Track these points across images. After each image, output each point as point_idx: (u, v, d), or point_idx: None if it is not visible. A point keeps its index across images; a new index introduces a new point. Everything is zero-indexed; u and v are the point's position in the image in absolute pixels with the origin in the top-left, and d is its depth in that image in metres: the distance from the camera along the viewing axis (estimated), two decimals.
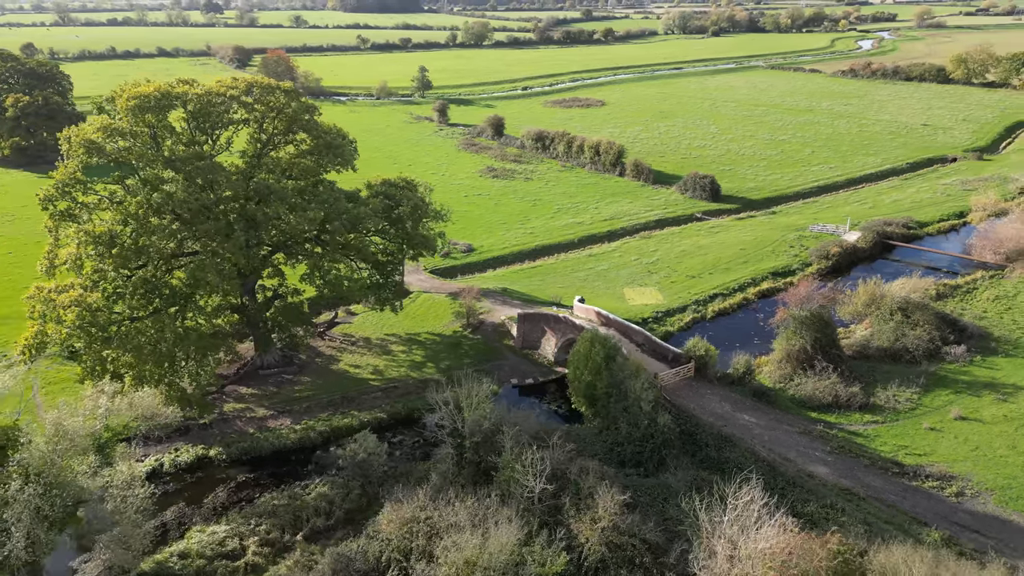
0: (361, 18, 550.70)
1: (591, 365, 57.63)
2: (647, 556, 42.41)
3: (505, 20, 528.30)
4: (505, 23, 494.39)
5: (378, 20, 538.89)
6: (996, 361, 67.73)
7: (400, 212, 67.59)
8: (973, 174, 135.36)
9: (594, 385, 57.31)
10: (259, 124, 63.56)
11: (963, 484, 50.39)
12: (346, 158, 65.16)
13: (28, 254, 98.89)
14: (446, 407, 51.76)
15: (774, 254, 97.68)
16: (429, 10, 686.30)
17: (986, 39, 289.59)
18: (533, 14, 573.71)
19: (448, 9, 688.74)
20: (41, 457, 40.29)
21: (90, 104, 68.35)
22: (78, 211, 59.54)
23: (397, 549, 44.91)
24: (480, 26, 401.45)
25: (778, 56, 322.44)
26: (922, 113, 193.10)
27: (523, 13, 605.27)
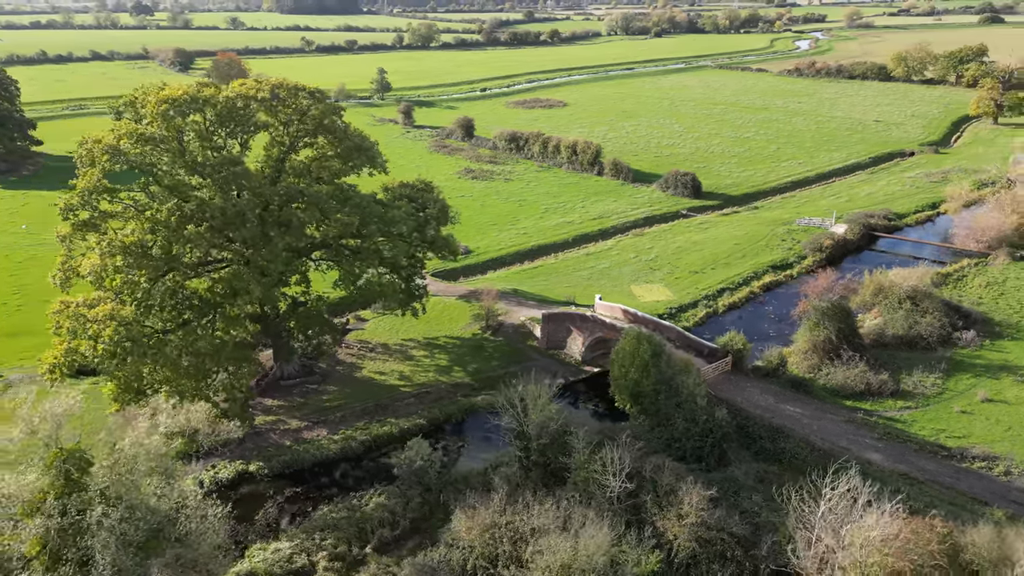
0: (301, 19, 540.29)
1: (638, 363, 57.82)
2: (737, 549, 42.83)
3: (448, 21, 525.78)
4: (449, 24, 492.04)
5: (319, 22, 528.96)
6: (1004, 345, 70.88)
7: (427, 214, 66.53)
8: (934, 167, 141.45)
9: (640, 383, 57.51)
10: (284, 127, 61.61)
11: (1008, 463, 52.53)
12: (376, 160, 63.73)
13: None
14: (512, 410, 51.13)
15: (768, 248, 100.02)
16: (368, 11, 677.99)
17: (913, 38, 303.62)
18: (475, 15, 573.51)
19: (388, 11, 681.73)
20: (119, 480, 38.04)
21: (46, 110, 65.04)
22: (100, 220, 56.68)
23: (481, 556, 44.19)
24: (427, 27, 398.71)
25: (723, 56, 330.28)
26: (872, 110, 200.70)
27: (465, 15, 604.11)
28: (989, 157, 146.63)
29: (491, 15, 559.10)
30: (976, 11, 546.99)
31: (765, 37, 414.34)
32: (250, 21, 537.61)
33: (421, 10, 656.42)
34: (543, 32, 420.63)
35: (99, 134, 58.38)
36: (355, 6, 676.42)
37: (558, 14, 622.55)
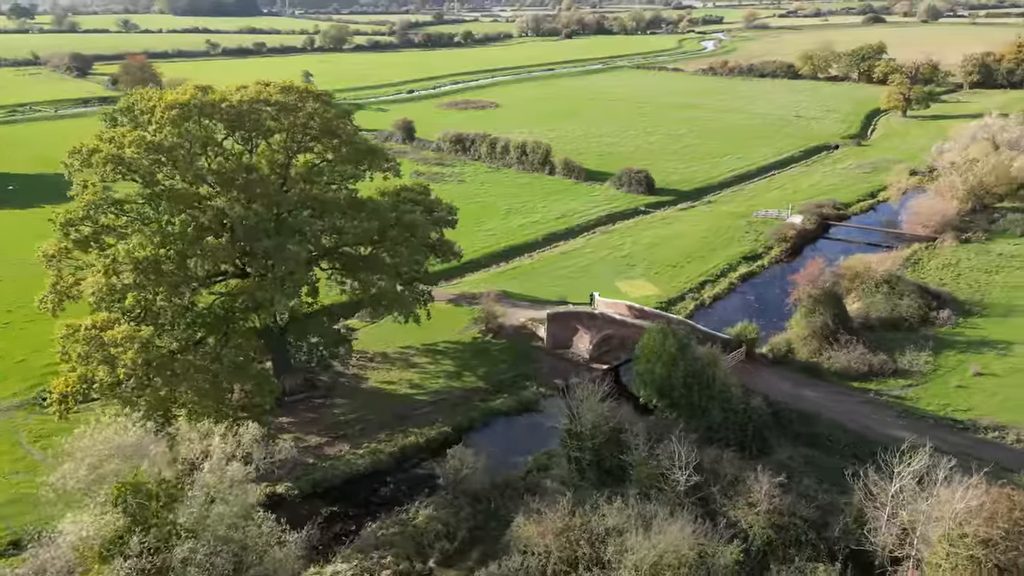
0: (198, 21, 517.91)
1: (664, 357, 58.49)
2: (810, 532, 44.04)
3: (356, 23, 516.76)
4: (358, 26, 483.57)
5: (218, 23, 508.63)
6: (977, 322, 75.90)
7: (436, 217, 65.21)
8: (862, 158, 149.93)
9: (669, 377, 58.25)
10: (289, 132, 58.96)
11: (1016, 432, 56.27)
12: (391, 162, 61.91)
13: None
14: (566, 411, 50.77)
15: (736, 240, 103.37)
16: (269, 13, 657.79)
17: (806, 37, 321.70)
18: (382, 17, 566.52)
19: (289, 12, 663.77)
20: (203, 512, 35.32)
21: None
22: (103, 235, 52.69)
23: (561, 560, 43.58)
24: (338, 29, 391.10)
25: (638, 56, 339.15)
26: (791, 106, 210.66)
27: (372, 16, 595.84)
28: (906, 148, 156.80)
29: (399, 17, 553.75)
30: (857, 12, 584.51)
31: (673, 38, 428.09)
32: (143, 23, 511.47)
33: (325, 12, 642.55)
34: (457, 34, 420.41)
35: (90, 142, 54.19)
36: (254, 8, 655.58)
37: (466, 16, 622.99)
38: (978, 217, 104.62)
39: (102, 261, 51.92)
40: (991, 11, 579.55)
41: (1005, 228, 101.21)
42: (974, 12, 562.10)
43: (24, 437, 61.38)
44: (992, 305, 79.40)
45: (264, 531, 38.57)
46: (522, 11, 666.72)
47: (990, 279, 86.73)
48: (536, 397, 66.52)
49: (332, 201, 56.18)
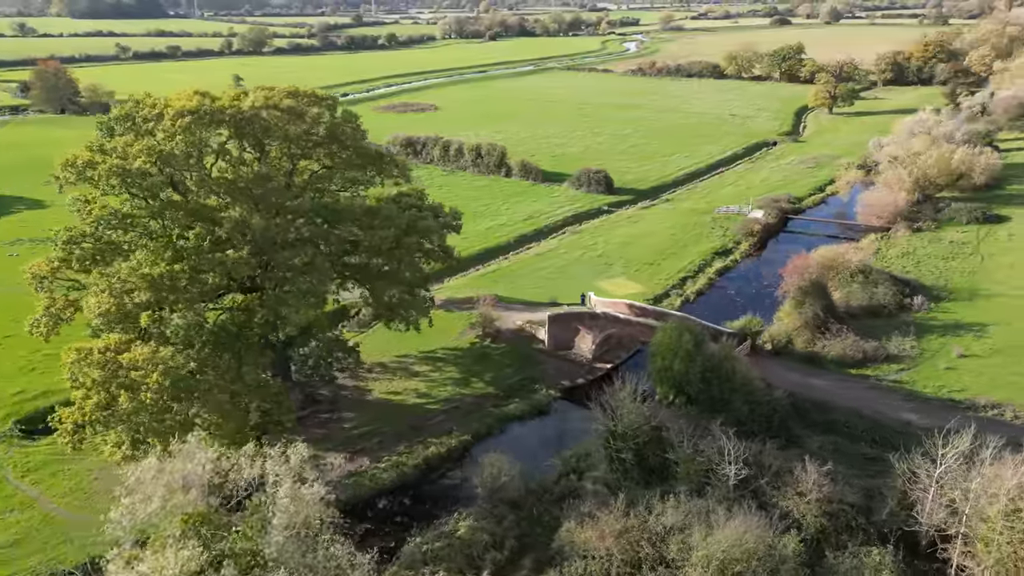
0: (102, 24, 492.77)
1: (681, 353, 59.24)
2: (860, 518, 45.44)
3: (271, 26, 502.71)
4: (274, 29, 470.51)
5: (123, 27, 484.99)
6: (948, 306, 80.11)
7: (443, 222, 64.02)
8: (802, 154, 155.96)
9: (686, 372, 59.06)
10: (295, 137, 56.67)
11: (1011, 409, 59.61)
12: (402, 168, 60.35)
13: None
14: (603, 413, 50.69)
15: (704, 237, 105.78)
16: (175, 15, 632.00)
17: (720, 38, 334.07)
18: (299, 19, 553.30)
19: (198, 14, 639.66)
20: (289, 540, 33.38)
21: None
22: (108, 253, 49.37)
23: (623, 562, 43.46)
24: (257, 32, 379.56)
25: (566, 58, 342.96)
26: (723, 105, 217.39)
27: (288, 19, 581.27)
28: (840, 143, 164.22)
29: (317, 19, 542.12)
30: (764, 14, 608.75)
31: (596, 40, 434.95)
32: (41, 27, 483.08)
33: (236, 14, 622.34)
34: (380, 36, 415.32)
35: (83, 154, 50.61)
36: (158, 10, 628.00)
37: (386, 19, 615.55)
38: (925, 207, 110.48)
39: (106, 280, 48.60)
40: (885, 12, 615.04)
41: (951, 217, 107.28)
42: (871, 14, 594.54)
43: (11, 472, 57.06)
44: (956, 290, 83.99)
45: (335, 553, 36.89)
46: (440, 13, 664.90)
47: (948, 265, 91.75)
48: (547, 400, 66.30)
49: (347, 209, 54.31)
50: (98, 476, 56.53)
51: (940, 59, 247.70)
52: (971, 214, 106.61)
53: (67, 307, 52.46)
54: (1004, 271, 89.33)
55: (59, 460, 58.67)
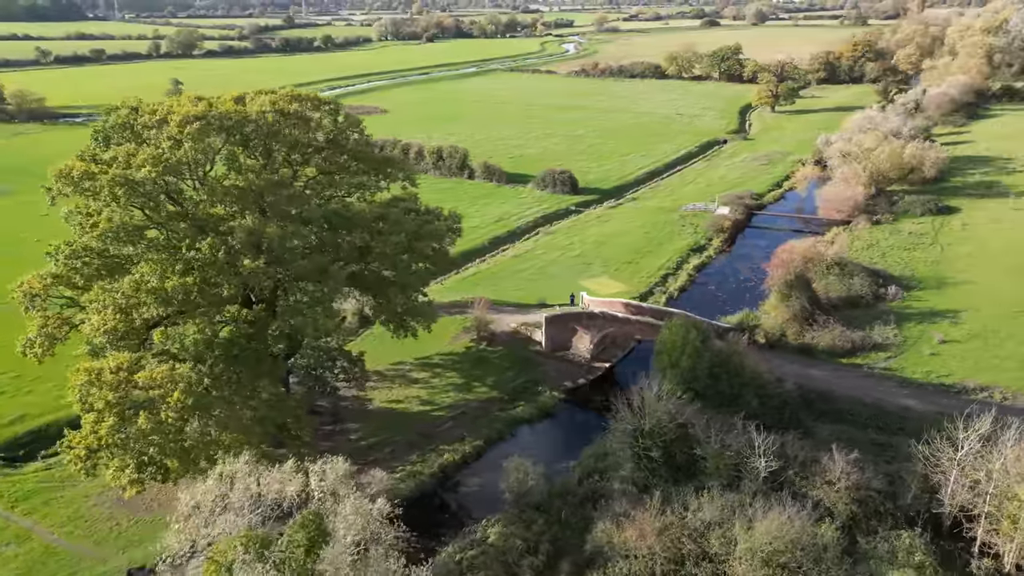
0: (17, 27, 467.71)
1: (689, 350, 59.86)
2: (887, 503, 46.81)
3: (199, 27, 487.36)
4: (203, 31, 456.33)
5: (41, 29, 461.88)
6: (919, 295, 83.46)
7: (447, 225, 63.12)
8: (753, 152, 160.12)
9: (695, 368, 59.74)
10: (299, 143, 54.98)
11: (999, 391, 62.49)
12: (407, 172, 59.14)
13: None
14: (629, 413, 50.78)
15: (677, 234, 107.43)
16: (94, 17, 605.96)
17: (655, 40, 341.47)
18: (229, 21, 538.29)
19: (119, 16, 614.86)
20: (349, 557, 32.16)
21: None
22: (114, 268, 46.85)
23: (667, 560, 43.64)
24: (187, 34, 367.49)
25: (508, 59, 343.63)
26: (669, 104, 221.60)
27: (216, 20, 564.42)
28: (787, 140, 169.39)
29: (248, 21, 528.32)
30: (693, 16, 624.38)
31: (534, 41, 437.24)
32: None
33: (160, 16, 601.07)
34: (315, 38, 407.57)
35: (77, 164, 47.81)
36: (75, 12, 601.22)
37: (318, 20, 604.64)
38: (880, 200, 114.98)
39: (110, 296, 46.07)
40: (807, 14, 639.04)
41: (906, 209, 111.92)
42: (794, 15, 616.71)
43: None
44: (924, 279, 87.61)
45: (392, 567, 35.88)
46: (374, 15, 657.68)
47: (911, 256, 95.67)
48: (553, 402, 66.13)
49: (357, 215, 52.89)
50: (96, 502, 53.69)
51: (869, 58, 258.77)
52: (924, 206, 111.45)
53: (62, 326, 49.47)
54: (964, 260, 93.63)
55: (50, 488, 55.54)
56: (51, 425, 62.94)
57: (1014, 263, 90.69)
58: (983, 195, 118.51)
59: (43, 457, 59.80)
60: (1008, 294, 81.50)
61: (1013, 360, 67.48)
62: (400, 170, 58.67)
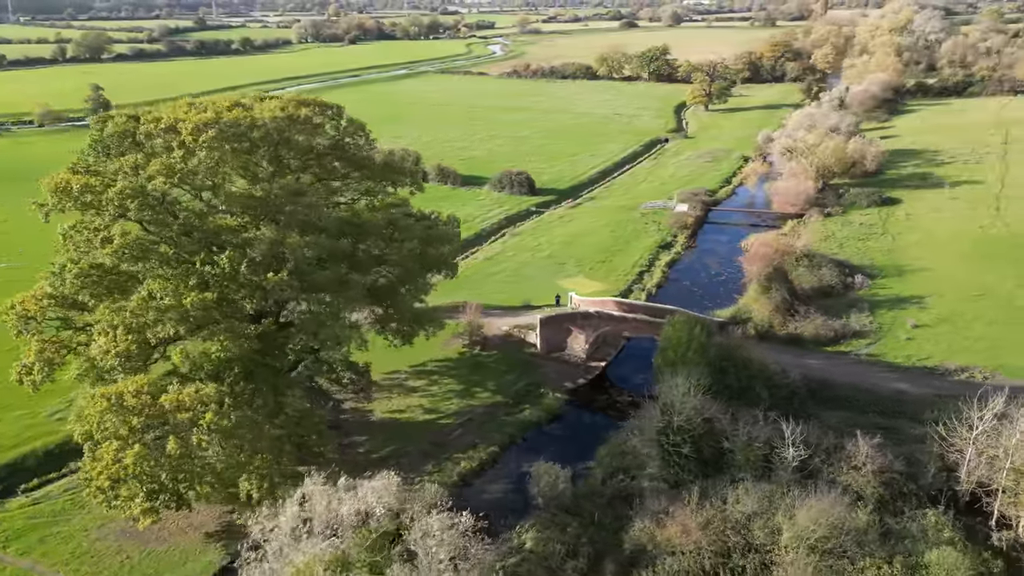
0: None
1: (695, 345, 60.88)
2: (909, 484, 48.75)
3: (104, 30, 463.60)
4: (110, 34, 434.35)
5: None
6: (882, 283, 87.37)
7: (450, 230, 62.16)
8: (696, 150, 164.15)
9: (701, 363, 60.71)
10: (315, 150, 53.06)
11: (980, 371, 65.94)
12: (414, 176, 57.78)
13: None
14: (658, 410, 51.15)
15: (642, 232, 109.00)
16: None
17: (577, 41, 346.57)
18: (137, 23, 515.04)
19: (13, 19, 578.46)
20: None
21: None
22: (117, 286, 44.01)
23: (714, 553, 44.16)
24: (95, 37, 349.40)
25: (437, 61, 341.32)
26: (605, 105, 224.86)
27: (121, 23, 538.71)
28: (727, 138, 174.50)
29: (157, 23, 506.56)
30: (610, 17, 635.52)
31: (460, 43, 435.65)
32: None
33: (59, 19, 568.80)
34: (233, 40, 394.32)
35: (74, 178, 44.67)
36: None
37: (231, 21, 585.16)
38: (827, 194, 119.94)
39: (119, 316, 43.27)
40: (718, 15, 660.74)
41: (852, 201, 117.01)
42: (706, 17, 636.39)
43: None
44: (884, 267, 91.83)
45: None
46: (289, 16, 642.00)
47: (866, 246, 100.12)
48: (558, 403, 65.99)
49: (370, 223, 51.40)
50: (98, 536, 50.36)
51: (788, 58, 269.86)
52: (869, 198, 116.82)
53: (60, 349, 46.23)
54: (914, 248, 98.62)
55: (41, 524, 51.79)
56: (27, 456, 58.81)
57: (962, 250, 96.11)
58: (919, 186, 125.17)
59: (24, 491, 55.75)
60: (964, 279, 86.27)
61: (984, 341, 71.46)
62: (407, 175, 57.32)
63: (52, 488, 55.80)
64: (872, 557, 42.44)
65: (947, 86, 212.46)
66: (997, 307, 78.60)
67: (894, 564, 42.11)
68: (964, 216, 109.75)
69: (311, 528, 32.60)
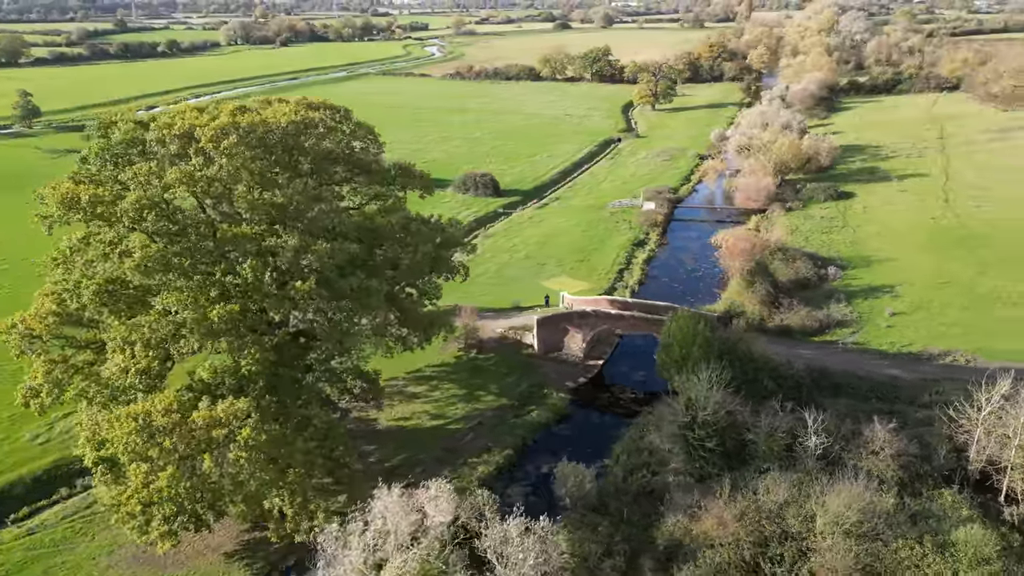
0: None
1: (700, 340, 61.84)
2: (925, 465, 50.61)
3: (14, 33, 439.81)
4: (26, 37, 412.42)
5: None
6: (853, 274, 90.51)
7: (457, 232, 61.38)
8: (651, 149, 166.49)
9: (706, 357, 61.70)
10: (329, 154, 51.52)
11: (961, 354, 68.99)
12: (425, 181, 56.77)
13: None
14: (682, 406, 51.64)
15: (615, 231, 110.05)
16: None
17: (512, 42, 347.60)
18: (53, 26, 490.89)
19: None
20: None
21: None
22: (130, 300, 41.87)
23: (752, 544, 44.85)
24: (10, 40, 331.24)
25: (377, 63, 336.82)
26: (553, 105, 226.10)
27: (34, 25, 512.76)
28: (679, 136, 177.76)
29: (75, 25, 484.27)
30: (543, 19, 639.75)
31: (397, 45, 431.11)
32: None
33: None
34: (159, 43, 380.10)
35: (72, 187, 42.19)
36: None
37: (154, 23, 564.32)
38: (785, 189, 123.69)
39: (137, 332, 41.13)
40: (647, 17, 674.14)
41: (810, 196, 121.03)
42: (637, 18, 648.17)
43: None
44: (851, 259, 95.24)
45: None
46: (211, 18, 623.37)
47: (831, 239, 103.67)
48: (564, 403, 65.97)
49: (384, 228, 50.25)
50: (109, 563, 47.89)
51: (725, 58, 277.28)
52: (826, 192, 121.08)
53: (68, 369, 43.64)
54: (875, 240, 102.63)
55: (43, 554, 48.97)
56: (14, 485, 55.34)
57: (919, 240, 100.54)
58: (869, 180, 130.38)
59: (14, 522, 52.43)
60: (928, 268, 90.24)
61: (958, 327, 74.86)
62: (418, 179, 56.38)
63: (47, 516, 52.75)
64: (904, 539, 43.86)
65: (878, 84, 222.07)
66: (962, 294, 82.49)
67: (924, 543, 43.57)
68: (915, 208, 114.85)
69: (380, 542, 31.51)
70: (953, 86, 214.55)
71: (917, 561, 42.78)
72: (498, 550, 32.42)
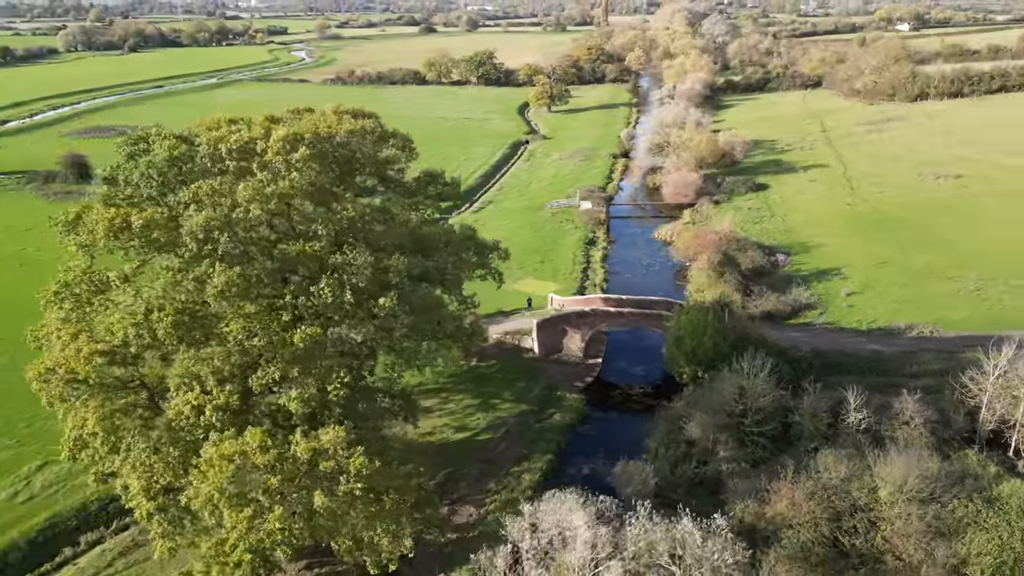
0: None
1: (710, 330, 63.89)
2: (947, 430, 54.72)
3: None
4: None
5: None
6: (798, 259, 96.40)
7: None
8: (563, 150, 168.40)
9: (718, 347, 63.80)
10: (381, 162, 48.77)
11: (924, 327, 75.06)
12: (453, 187, 54.62)
13: None
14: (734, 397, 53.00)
15: (563, 231, 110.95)
16: None
17: (378, 46, 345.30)
18: None
19: None
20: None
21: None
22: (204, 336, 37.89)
23: (828, 520, 46.73)
24: None
25: (246, 69, 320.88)
26: (449, 109, 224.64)
27: None
28: (587, 137, 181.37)
29: None
30: (404, 23, 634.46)
31: (262, 50, 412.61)
32: None
33: None
34: None
35: (116, 213, 37.56)
36: None
37: None
38: (708, 183, 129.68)
39: (206, 365, 37.21)
40: (510, 21, 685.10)
41: (732, 189, 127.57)
42: (499, 23, 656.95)
43: None
44: (791, 245, 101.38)
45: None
46: (38, 23, 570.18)
47: (764, 228, 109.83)
48: (581, 403, 65.86)
49: (431, 237, 48.18)
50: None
51: (604, 60, 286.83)
52: (745, 185, 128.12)
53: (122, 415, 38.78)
54: (803, 227, 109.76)
55: None
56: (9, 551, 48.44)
57: (841, 226, 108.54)
58: (777, 172, 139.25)
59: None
60: (860, 251, 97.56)
61: (909, 303, 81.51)
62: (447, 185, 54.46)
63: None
64: (957, 498, 47.31)
65: (751, 83, 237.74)
66: (901, 272, 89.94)
67: (975, 501, 47.28)
68: (827, 196, 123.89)
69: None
70: (815, 83, 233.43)
71: (974, 517, 46.29)
72: (677, 564, 31.90)
